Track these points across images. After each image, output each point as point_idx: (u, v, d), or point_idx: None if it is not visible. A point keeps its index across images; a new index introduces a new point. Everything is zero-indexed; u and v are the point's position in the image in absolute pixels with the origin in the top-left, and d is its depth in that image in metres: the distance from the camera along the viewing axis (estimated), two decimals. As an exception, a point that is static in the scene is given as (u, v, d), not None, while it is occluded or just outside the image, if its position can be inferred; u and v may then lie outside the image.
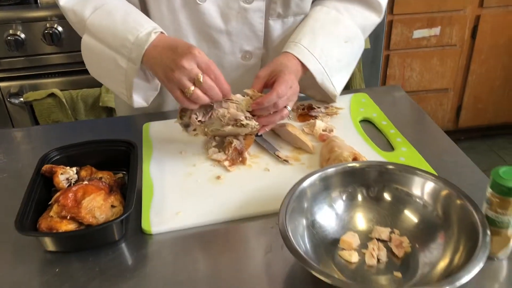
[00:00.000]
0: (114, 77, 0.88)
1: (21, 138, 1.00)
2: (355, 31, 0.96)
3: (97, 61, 0.90)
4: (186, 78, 0.75)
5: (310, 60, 0.89)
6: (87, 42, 0.89)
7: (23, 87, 1.84)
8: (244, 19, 0.92)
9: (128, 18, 0.85)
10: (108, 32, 0.85)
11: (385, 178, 0.68)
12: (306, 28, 0.93)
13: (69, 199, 0.69)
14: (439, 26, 2.15)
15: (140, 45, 0.81)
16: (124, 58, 0.83)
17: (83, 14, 0.87)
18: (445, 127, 2.46)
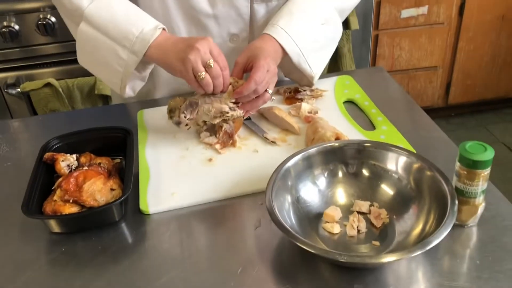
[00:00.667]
0: (111, 68, 0.90)
1: (22, 128, 1.05)
2: (332, 13, 0.99)
3: (93, 51, 0.91)
4: (200, 62, 0.80)
5: (287, 40, 0.92)
6: (84, 31, 0.90)
7: (19, 77, 1.87)
8: (230, 3, 0.96)
9: (130, 11, 0.88)
10: (109, 23, 0.87)
11: (363, 155, 0.73)
12: (284, 10, 0.96)
13: (71, 184, 0.74)
14: (427, 5, 2.18)
15: (145, 39, 0.85)
16: (125, 49, 0.86)
17: (81, 2, 0.88)
18: (435, 104, 2.51)
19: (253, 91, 0.84)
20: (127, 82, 0.91)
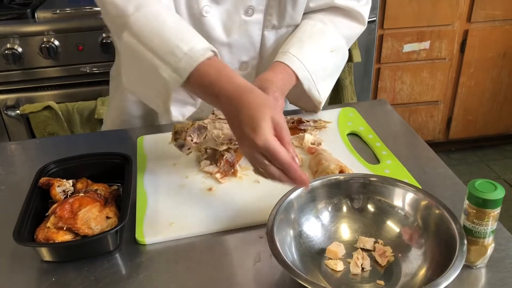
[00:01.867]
0: (152, 87, 0.79)
1: (18, 151, 1.03)
2: (340, 42, 1.00)
3: (135, 66, 0.81)
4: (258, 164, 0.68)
5: (299, 66, 0.92)
6: (126, 42, 0.79)
7: (19, 99, 1.86)
8: (244, 32, 0.96)
9: (181, 25, 0.79)
10: (155, 36, 0.76)
11: (368, 189, 0.71)
12: (294, 39, 0.97)
13: (66, 210, 0.72)
14: (429, 40, 2.21)
15: (193, 57, 0.73)
16: (168, 67, 0.74)
17: (126, 9, 0.79)
18: (436, 138, 2.50)
19: None
20: (170, 105, 0.77)
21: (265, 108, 0.67)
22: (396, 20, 2.14)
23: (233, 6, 0.93)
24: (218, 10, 0.93)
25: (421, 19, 2.15)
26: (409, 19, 2.14)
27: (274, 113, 0.67)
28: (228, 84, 0.71)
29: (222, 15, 0.93)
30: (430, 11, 2.13)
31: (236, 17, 0.94)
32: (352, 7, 1.00)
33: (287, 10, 0.96)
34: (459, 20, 2.18)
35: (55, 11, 1.82)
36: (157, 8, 0.80)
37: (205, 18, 0.92)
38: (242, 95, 0.69)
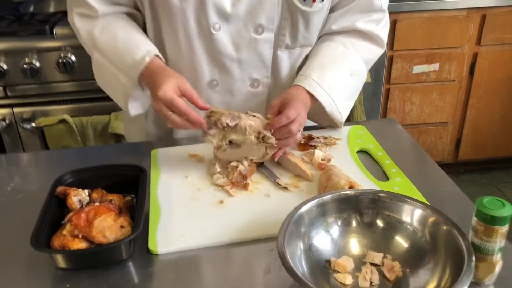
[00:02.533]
0: (116, 89, 0.99)
1: (35, 161, 1.06)
2: (360, 65, 1.04)
3: (103, 75, 1.01)
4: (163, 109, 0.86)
5: (320, 93, 0.97)
6: (96, 59, 0.99)
7: (35, 113, 1.90)
8: (254, 49, 0.99)
9: (128, 40, 0.95)
10: (112, 52, 0.96)
11: (377, 205, 0.72)
12: (315, 63, 1.00)
13: (82, 219, 0.74)
14: (438, 62, 2.23)
15: (137, 66, 0.92)
16: (123, 74, 0.95)
17: (94, 33, 0.98)
18: (445, 160, 2.50)
19: (287, 130, 0.87)
20: (129, 103, 0.97)
21: (170, 77, 0.88)
22: (406, 42, 2.17)
23: (243, 24, 0.96)
24: (227, 27, 0.96)
25: (431, 41, 2.17)
26: (418, 41, 2.17)
27: (179, 81, 0.87)
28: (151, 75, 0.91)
29: (232, 32, 0.96)
30: (440, 33, 2.16)
31: (246, 35, 0.97)
32: (372, 30, 1.03)
33: (299, 31, 0.99)
34: (469, 42, 2.21)
35: (73, 27, 1.87)
36: (113, 28, 0.97)
37: (215, 34, 0.95)
38: (159, 72, 0.90)
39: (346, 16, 1.02)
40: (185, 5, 0.92)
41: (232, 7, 0.94)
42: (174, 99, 0.84)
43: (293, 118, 0.88)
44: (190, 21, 0.94)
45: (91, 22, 0.98)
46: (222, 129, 0.89)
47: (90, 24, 0.98)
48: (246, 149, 0.90)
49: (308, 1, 0.95)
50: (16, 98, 1.88)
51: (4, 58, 1.80)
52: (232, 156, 0.92)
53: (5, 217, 0.85)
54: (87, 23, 0.99)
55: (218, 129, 0.89)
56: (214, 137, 0.90)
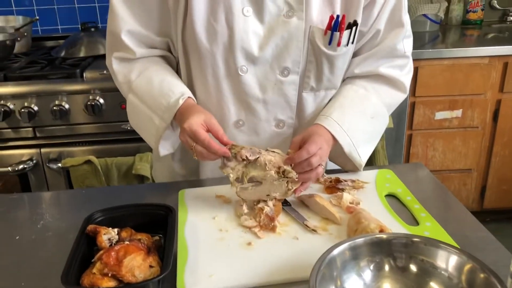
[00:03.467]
0: (148, 131, 1.03)
1: (64, 200, 1.07)
2: (381, 108, 1.04)
3: (136, 116, 1.05)
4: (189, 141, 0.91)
5: (339, 132, 0.97)
6: (131, 101, 1.04)
7: (61, 153, 1.95)
8: (279, 91, 1.01)
9: (163, 84, 0.99)
10: (147, 95, 1.00)
11: (411, 250, 0.71)
12: (336, 104, 1.02)
13: (112, 257, 0.74)
14: (461, 109, 2.23)
15: (171, 109, 0.96)
16: (158, 117, 0.99)
17: (130, 77, 1.03)
18: (470, 207, 2.45)
19: (307, 163, 0.88)
20: (160, 143, 1.01)
21: (198, 112, 0.92)
22: (428, 88, 2.18)
23: (269, 66, 0.99)
24: (254, 70, 0.99)
25: (453, 88, 2.18)
26: (440, 88, 2.18)
27: (206, 117, 0.91)
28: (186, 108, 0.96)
29: (258, 74, 0.99)
30: (462, 80, 2.17)
31: (272, 77, 1.00)
32: (396, 76, 1.05)
33: (324, 74, 1.01)
34: (491, 90, 2.21)
35: (102, 71, 1.94)
36: (149, 72, 1.02)
37: (242, 76, 0.98)
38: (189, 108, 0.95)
39: (369, 60, 1.04)
40: (214, 48, 0.96)
41: (259, 51, 0.97)
42: (198, 131, 0.88)
43: (314, 153, 0.89)
44: (218, 63, 0.98)
45: (129, 66, 1.03)
46: (242, 162, 0.90)
47: (127, 68, 1.03)
48: (267, 186, 0.90)
49: (333, 45, 0.97)
50: (44, 139, 1.93)
51: (36, 100, 1.86)
52: (255, 195, 0.92)
53: (36, 254, 0.86)
54: (124, 67, 1.04)
55: (238, 162, 0.90)
56: (233, 170, 0.91)
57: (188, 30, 0.97)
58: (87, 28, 2.20)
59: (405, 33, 1.02)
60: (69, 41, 2.21)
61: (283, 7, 0.95)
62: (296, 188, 0.91)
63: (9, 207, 1.02)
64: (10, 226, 0.96)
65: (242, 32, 0.95)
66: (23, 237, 0.91)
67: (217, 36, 0.95)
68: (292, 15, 0.95)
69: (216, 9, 0.94)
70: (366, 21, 1.00)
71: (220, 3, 0.94)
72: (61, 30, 2.50)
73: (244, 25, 0.95)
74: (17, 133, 1.91)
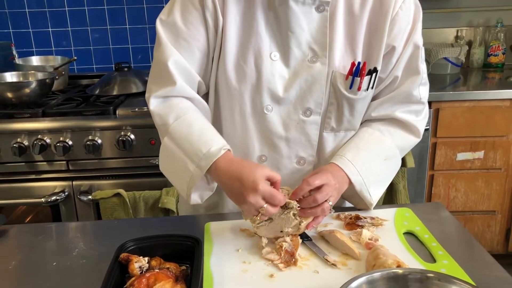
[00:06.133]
0: (180, 177, 1.01)
1: (97, 230, 1.14)
2: (394, 151, 1.10)
3: (170, 161, 1.04)
4: (254, 209, 0.89)
5: (352, 171, 1.03)
6: (166, 144, 1.03)
7: (92, 186, 2.03)
8: (302, 129, 1.07)
9: (204, 132, 1.00)
10: (186, 140, 0.99)
11: (425, 285, 0.74)
12: (352, 144, 1.08)
13: (143, 283, 0.79)
14: (483, 150, 2.24)
15: (210, 157, 0.95)
16: (193, 163, 0.97)
17: (168, 120, 1.02)
18: (495, 250, 2.42)
19: (313, 199, 0.93)
20: (192, 192, 0.99)
21: (258, 167, 0.91)
22: (449, 129, 2.21)
23: (293, 106, 1.05)
24: (279, 109, 1.06)
25: (474, 129, 2.21)
26: (462, 129, 2.21)
27: (265, 170, 0.90)
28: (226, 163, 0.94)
29: (282, 113, 1.06)
30: (484, 121, 2.20)
31: (295, 116, 1.06)
32: (410, 121, 1.10)
33: (344, 115, 1.07)
34: (513, 132, 2.22)
35: (133, 109, 2.04)
36: (188, 118, 1.02)
37: (267, 115, 1.05)
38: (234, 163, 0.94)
39: (386, 105, 1.10)
40: (243, 88, 1.04)
41: (284, 92, 1.04)
42: (273, 193, 0.88)
43: (315, 185, 0.93)
44: (246, 102, 1.05)
45: (168, 108, 1.03)
46: None
47: (166, 111, 1.03)
48: (278, 221, 0.95)
49: (354, 90, 1.04)
50: (76, 172, 2.03)
51: (70, 135, 1.97)
52: (270, 231, 0.97)
53: (72, 279, 0.91)
54: (163, 109, 1.04)
55: None
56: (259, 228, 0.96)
57: (221, 71, 1.05)
58: (120, 68, 2.32)
59: (421, 81, 1.08)
60: (103, 80, 2.33)
61: (308, 53, 1.03)
62: (309, 223, 0.95)
63: (46, 235, 1.09)
64: (48, 253, 1.02)
65: (269, 74, 1.03)
66: (59, 264, 0.97)
67: (246, 77, 1.03)
68: (316, 60, 1.02)
69: (246, 53, 1.02)
70: (385, 68, 1.06)
71: (250, 47, 1.02)
72: (96, 69, 2.65)
73: (271, 68, 1.03)
74: (51, 165, 2.01)
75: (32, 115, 2.02)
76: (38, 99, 2.14)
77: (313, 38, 1.01)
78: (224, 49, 1.02)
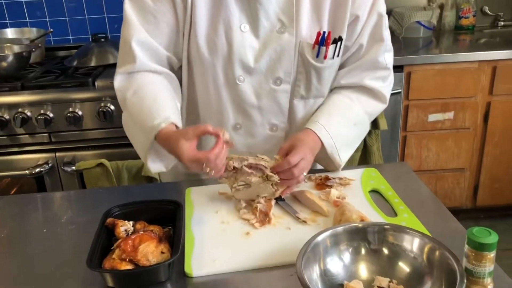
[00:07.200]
0: (138, 147, 1.09)
1: (83, 198, 1.20)
2: (363, 117, 1.17)
3: (129, 132, 1.14)
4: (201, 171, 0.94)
5: (324, 135, 1.10)
6: (125, 118, 1.13)
7: (75, 157, 2.08)
8: (273, 98, 1.14)
9: (152, 106, 1.03)
10: (138, 114, 1.05)
11: (383, 235, 0.83)
12: (324, 111, 1.15)
13: (129, 245, 0.86)
14: (453, 111, 2.34)
15: (152, 130, 0.99)
16: (144, 135, 1.03)
17: (126, 95, 1.08)
18: (464, 205, 2.56)
19: (290, 173, 1.00)
20: (148, 160, 1.06)
21: (179, 139, 0.94)
22: (420, 92, 2.29)
23: (264, 76, 1.11)
24: (250, 79, 1.11)
25: (445, 91, 2.29)
26: (433, 91, 2.29)
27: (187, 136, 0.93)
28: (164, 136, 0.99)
29: (254, 83, 1.12)
30: (453, 84, 2.28)
31: (266, 86, 1.12)
32: (378, 88, 1.17)
33: (313, 83, 1.14)
34: (481, 93, 2.32)
35: (112, 80, 2.05)
36: (142, 92, 1.06)
37: (239, 85, 1.11)
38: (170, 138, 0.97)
39: (354, 72, 1.16)
40: (215, 60, 1.09)
41: (255, 63, 1.09)
42: (196, 156, 0.92)
43: (295, 163, 1.00)
44: (218, 74, 1.11)
45: (127, 83, 1.09)
46: (232, 171, 1.02)
47: (125, 86, 1.09)
48: (255, 188, 1.03)
49: (320, 58, 1.10)
50: (59, 144, 2.06)
51: (51, 107, 1.99)
52: (246, 195, 1.05)
53: (61, 245, 0.98)
54: (123, 85, 1.10)
55: (228, 171, 1.02)
56: (228, 179, 1.04)
57: (192, 44, 1.09)
58: (97, 38, 2.33)
59: (385, 48, 1.14)
60: (81, 51, 2.34)
61: (276, 24, 1.08)
62: (282, 190, 1.03)
63: (35, 205, 1.15)
64: (37, 221, 1.08)
65: (240, 46, 1.08)
66: (49, 231, 1.03)
67: (218, 49, 1.08)
68: (284, 31, 1.08)
69: (217, 25, 1.07)
70: (350, 37, 1.12)
71: (220, 20, 1.07)
72: (73, 40, 2.63)
73: (242, 40, 1.08)
74: (33, 138, 2.04)
75: (11, 88, 2.04)
76: (16, 72, 2.15)
77: (280, 9, 1.06)
78: (194, 23, 1.06)
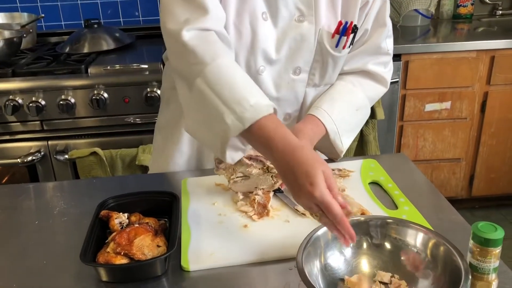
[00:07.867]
0: (213, 130, 0.88)
1: (76, 188, 1.17)
2: (364, 101, 1.16)
3: (200, 109, 0.90)
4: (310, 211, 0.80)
5: (328, 120, 1.08)
6: (199, 88, 0.88)
7: (68, 145, 2.04)
8: (291, 88, 1.11)
9: (249, 81, 0.89)
10: (226, 85, 0.86)
11: (385, 229, 0.81)
12: (327, 96, 1.13)
13: (123, 238, 0.84)
14: (450, 101, 2.32)
15: (258, 110, 0.83)
16: (233, 115, 0.83)
17: (204, 59, 0.88)
18: (459, 195, 2.56)
19: None
20: (226, 149, 0.87)
21: (317, 164, 0.77)
22: (417, 81, 2.27)
23: (284, 66, 1.08)
24: (271, 70, 1.08)
25: (442, 81, 2.28)
26: (430, 81, 2.27)
27: (324, 168, 0.77)
28: (282, 140, 0.82)
29: (274, 74, 1.08)
30: (450, 73, 2.26)
31: (286, 76, 1.09)
32: (380, 72, 1.16)
33: (327, 71, 1.11)
34: (479, 82, 2.30)
35: (106, 67, 2.03)
36: (229, 61, 0.90)
37: (260, 76, 1.07)
38: (295, 151, 0.80)
39: (357, 58, 1.14)
40: (239, 50, 1.02)
41: (276, 53, 1.06)
42: (331, 204, 0.74)
43: None
44: (241, 64, 1.05)
45: (205, 43, 0.89)
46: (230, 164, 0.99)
47: (202, 47, 0.88)
48: (255, 180, 1.00)
49: (339, 48, 1.07)
50: (51, 132, 2.03)
51: (43, 95, 1.95)
52: (244, 187, 1.02)
53: (54, 237, 0.96)
54: (199, 44, 0.89)
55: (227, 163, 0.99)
56: (226, 170, 1.01)
57: None
58: (90, 24, 2.28)
59: (387, 33, 1.12)
60: (73, 38, 2.29)
61: (294, 12, 1.04)
62: (281, 182, 1.00)
63: (27, 195, 1.12)
64: (29, 212, 1.05)
65: (263, 35, 1.03)
66: (41, 222, 1.01)
67: (242, 38, 1.02)
68: (303, 19, 1.04)
69: (242, 13, 1.01)
70: (358, 23, 1.09)
71: (246, 7, 1.00)
72: (65, 26, 2.58)
73: (264, 29, 1.03)
74: (25, 126, 2.00)
75: (1, 75, 1.99)
76: (7, 58, 2.10)
77: None
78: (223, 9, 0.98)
